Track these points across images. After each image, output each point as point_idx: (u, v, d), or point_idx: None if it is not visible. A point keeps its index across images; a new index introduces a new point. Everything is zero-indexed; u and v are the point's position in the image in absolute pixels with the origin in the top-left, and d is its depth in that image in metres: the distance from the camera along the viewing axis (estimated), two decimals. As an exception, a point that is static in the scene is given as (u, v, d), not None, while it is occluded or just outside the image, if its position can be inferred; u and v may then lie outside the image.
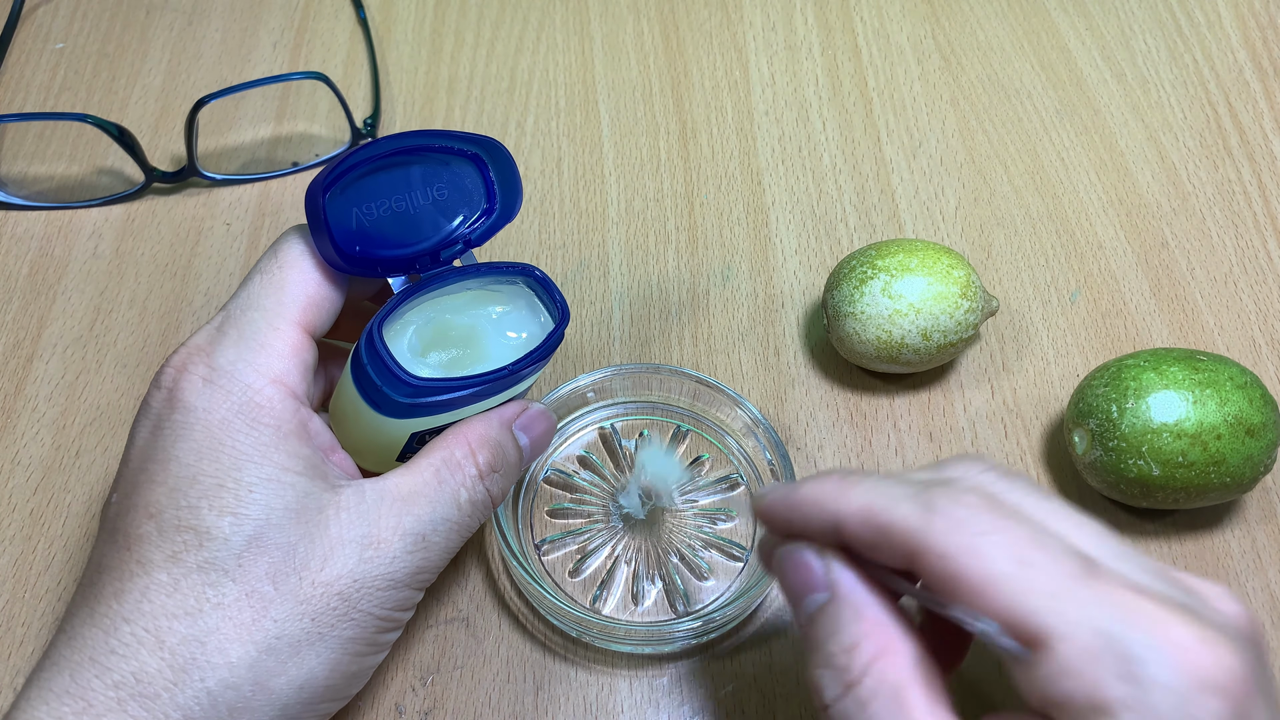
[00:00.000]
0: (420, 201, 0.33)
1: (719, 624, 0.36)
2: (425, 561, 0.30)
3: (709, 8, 0.59)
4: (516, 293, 0.34)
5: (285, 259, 0.31)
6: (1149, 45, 0.57)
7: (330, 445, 0.31)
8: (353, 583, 0.29)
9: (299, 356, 0.30)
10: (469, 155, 0.33)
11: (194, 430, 0.28)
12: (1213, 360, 0.38)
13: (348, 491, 0.30)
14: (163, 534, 0.28)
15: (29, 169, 0.52)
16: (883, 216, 0.50)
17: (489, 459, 0.32)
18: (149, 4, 0.59)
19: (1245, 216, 0.50)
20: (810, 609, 0.27)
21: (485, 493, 0.32)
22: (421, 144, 0.32)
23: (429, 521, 0.30)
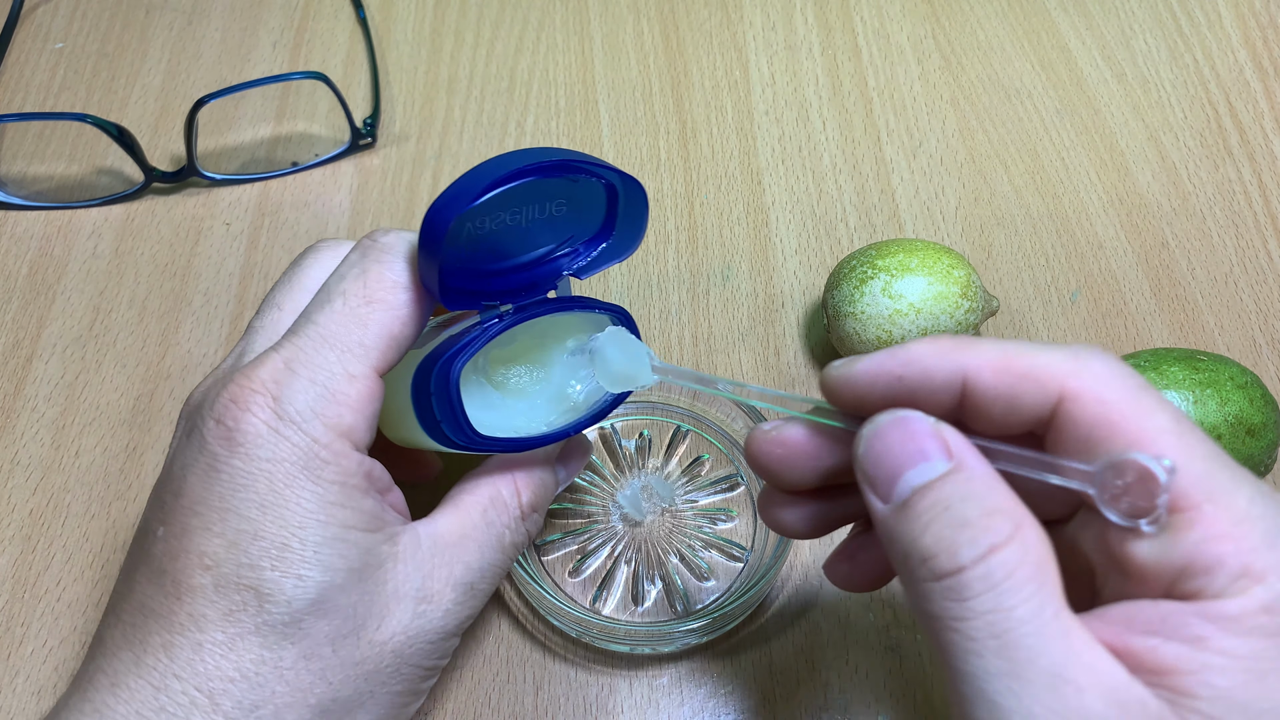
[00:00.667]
0: (537, 220, 0.29)
1: (719, 624, 0.36)
2: (472, 610, 0.30)
3: (709, 7, 0.59)
4: (598, 325, 0.32)
5: (376, 290, 0.28)
6: (1149, 45, 0.57)
7: (387, 486, 0.30)
8: (406, 640, 0.28)
9: (372, 406, 0.28)
10: (602, 180, 0.30)
11: (256, 482, 0.27)
12: (1213, 360, 0.38)
13: (404, 539, 0.29)
14: (219, 590, 0.26)
15: (28, 169, 0.52)
16: (883, 216, 0.50)
17: (531, 499, 0.32)
18: (149, 4, 0.59)
19: (1245, 216, 0.50)
20: (918, 481, 0.23)
21: (525, 534, 0.32)
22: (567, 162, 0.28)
23: (477, 569, 0.30)
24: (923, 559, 0.22)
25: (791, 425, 0.27)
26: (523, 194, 0.28)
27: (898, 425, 0.24)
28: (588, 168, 0.29)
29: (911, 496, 0.23)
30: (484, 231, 0.28)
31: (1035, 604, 0.21)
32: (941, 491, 0.22)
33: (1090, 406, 0.23)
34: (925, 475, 0.23)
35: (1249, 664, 0.20)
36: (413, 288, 0.29)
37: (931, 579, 0.21)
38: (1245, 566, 0.21)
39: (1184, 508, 0.22)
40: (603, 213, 0.31)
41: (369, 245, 0.29)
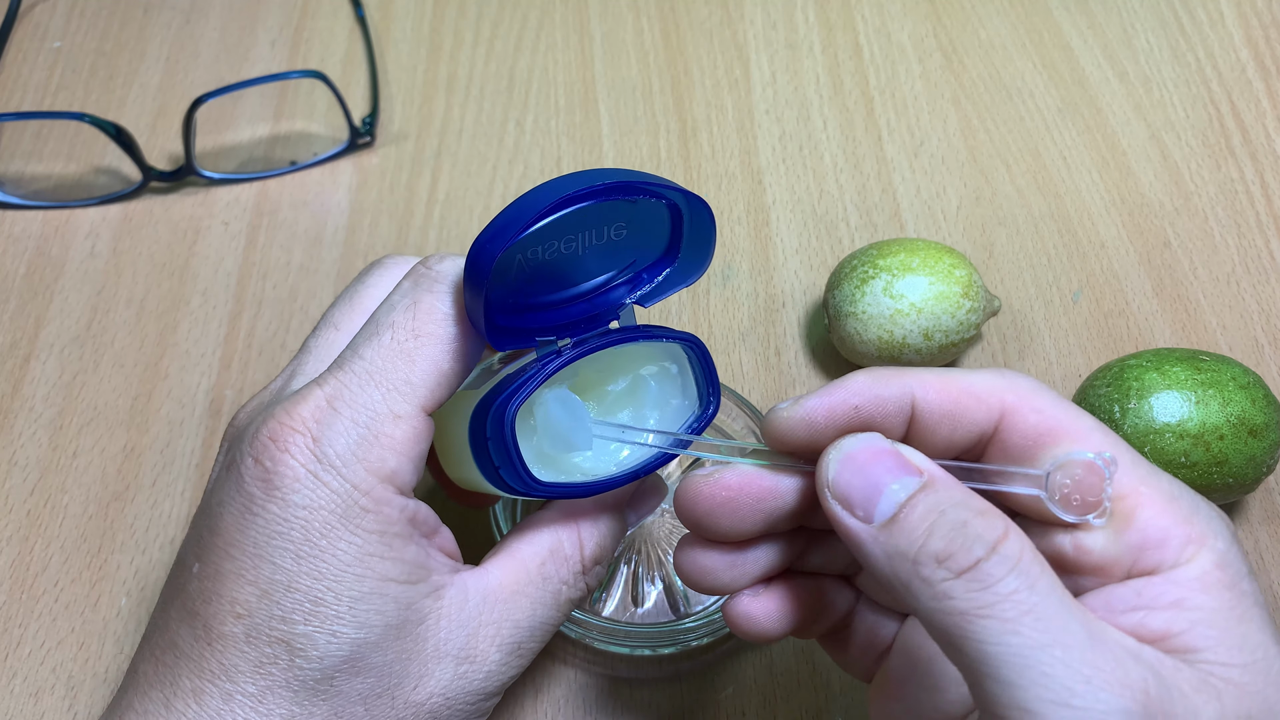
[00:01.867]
0: (591, 241, 0.27)
1: (719, 626, 0.36)
2: (517, 670, 0.29)
3: (709, 6, 0.59)
4: (666, 355, 0.30)
5: (424, 323, 0.27)
6: (1151, 44, 0.57)
7: (434, 529, 0.28)
8: (444, 701, 0.27)
9: (419, 447, 0.27)
10: (664, 200, 0.28)
11: (292, 530, 0.25)
12: (1215, 360, 0.38)
13: (450, 593, 0.28)
14: (250, 641, 0.26)
15: (26, 168, 0.52)
16: (884, 216, 0.50)
17: (595, 551, 0.30)
18: (146, 3, 0.59)
19: (1248, 216, 0.50)
20: (901, 496, 0.23)
21: (584, 589, 0.30)
22: (627, 184, 0.26)
23: (527, 629, 0.29)
24: (938, 561, 0.22)
25: (732, 470, 0.27)
26: (577, 220, 0.26)
27: (864, 448, 0.24)
28: (648, 189, 0.26)
29: (900, 511, 0.23)
30: (536, 262, 0.27)
31: (1049, 580, 0.22)
32: (930, 500, 0.23)
33: (1030, 416, 0.25)
34: (905, 490, 0.23)
35: (1226, 612, 0.23)
36: (465, 320, 0.27)
37: (953, 576, 0.22)
38: (1187, 535, 0.23)
39: (1124, 495, 0.24)
40: (666, 235, 0.29)
41: (422, 273, 0.28)
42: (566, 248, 0.27)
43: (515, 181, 0.51)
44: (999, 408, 0.25)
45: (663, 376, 0.30)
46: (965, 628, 0.22)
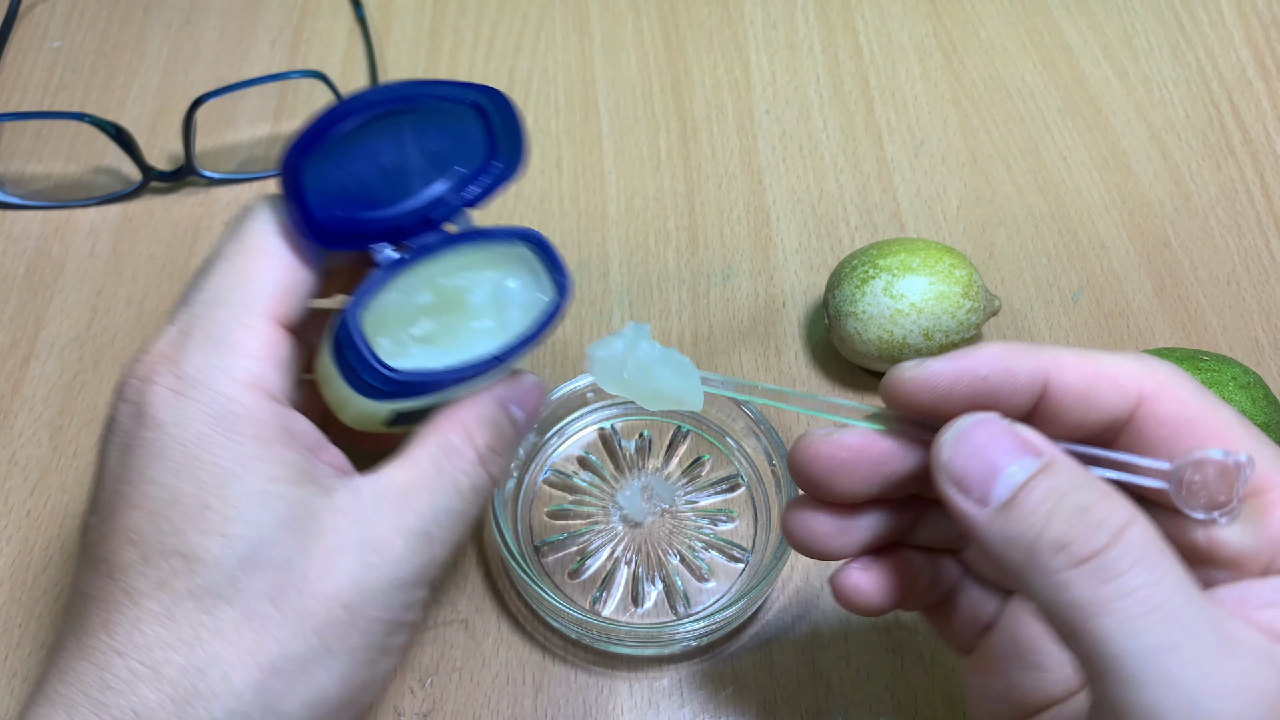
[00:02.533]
0: (412, 156, 0.29)
1: (719, 626, 0.36)
2: (431, 557, 0.29)
3: (709, 6, 0.59)
4: (515, 258, 0.31)
5: (251, 243, 0.28)
6: (1151, 44, 0.57)
7: (318, 443, 0.29)
8: (357, 591, 0.27)
9: (274, 354, 0.28)
10: (469, 104, 0.29)
11: (168, 448, 0.26)
12: (1215, 360, 0.38)
13: (342, 494, 0.28)
14: (147, 561, 0.26)
15: (26, 168, 0.52)
16: (884, 216, 0.50)
17: (488, 440, 0.30)
18: (146, 3, 0.59)
19: (1248, 216, 0.50)
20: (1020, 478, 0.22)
21: (486, 476, 0.30)
22: (415, 93, 0.28)
23: (431, 515, 0.28)
24: (1057, 548, 0.21)
25: (851, 430, 0.26)
26: (381, 134, 0.28)
27: (981, 427, 0.23)
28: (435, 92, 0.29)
29: (1018, 494, 0.22)
30: (359, 177, 0.29)
31: (1177, 574, 0.21)
32: (1049, 483, 0.22)
33: (1169, 405, 0.24)
34: (1025, 472, 0.22)
35: None
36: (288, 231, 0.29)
37: (1072, 565, 0.21)
38: None
39: (1265, 489, 0.23)
40: (483, 137, 0.30)
41: (238, 213, 0.29)
42: (386, 162, 0.29)
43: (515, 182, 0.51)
44: (1136, 394, 0.24)
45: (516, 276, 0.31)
46: (1085, 623, 0.21)
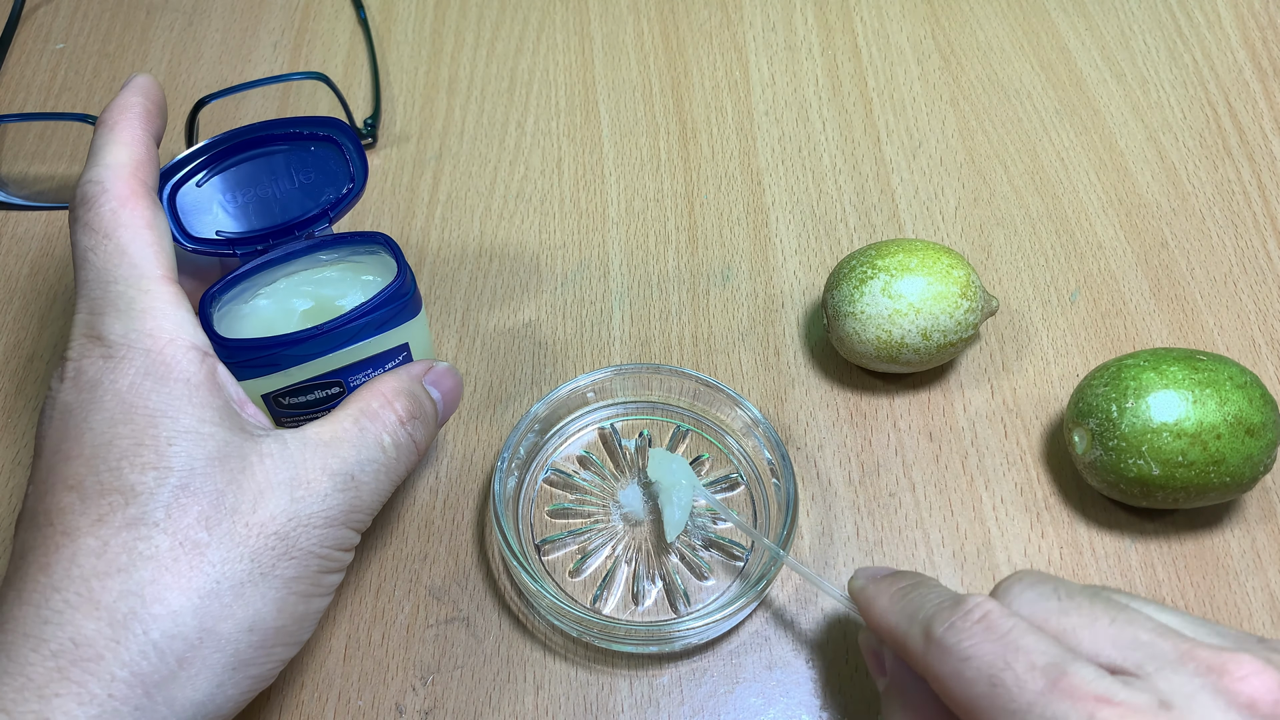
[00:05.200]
0: (286, 187, 0.35)
1: (719, 624, 0.36)
2: (357, 500, 0.30)
3: (709, 8, 0.59)
4: (382, 263, 0.36)
5: (105, 224, 0.30)
6: (1148, 45, 0.57)
7: (242, 398, 0.31)
8: (288, 521, 0.29)
9: (182, 308, 0.30)
10: (325, 138, 0.35)
11: (104, 400, 0.28)
12: (1212, 360, 0.38)
13: (268, 440, 0.30)
14: (86, 501, 0.27)
15: (30, 169, 0.52)
16: (882, 216, 0.50)
17: (406, 406, 0.32)
18: (149, 4, 0.59)
19: (1245, 216, 0.50)
20: (880, 688, 0.32)
21: (409, 437, 0.32)
22: (265, 133, 0.34)
23: (355, 462, 0.30)
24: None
25: None
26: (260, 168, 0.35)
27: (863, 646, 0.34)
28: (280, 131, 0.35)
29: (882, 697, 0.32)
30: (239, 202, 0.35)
31: None
32: (884, 702, 0.32)
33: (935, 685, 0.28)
34: (880, 687, 0.32)
35: None
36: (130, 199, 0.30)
37: None
38: None
39: None
40: (344, 165, 0.36)
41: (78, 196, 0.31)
42: (264, 193, 0.35)
43: (516, 183, 0.51)
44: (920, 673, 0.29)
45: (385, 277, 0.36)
46: None
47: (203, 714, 0.27)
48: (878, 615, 0.31)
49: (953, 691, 0.27)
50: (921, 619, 0.29)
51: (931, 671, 0.28)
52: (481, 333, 0.46)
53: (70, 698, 0.25)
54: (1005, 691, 0.25)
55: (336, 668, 0.37)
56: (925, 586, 0.31)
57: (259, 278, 0.35)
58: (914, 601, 0.30)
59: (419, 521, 0.41)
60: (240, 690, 0.28)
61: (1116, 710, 0.24)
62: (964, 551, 0.40)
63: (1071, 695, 0.24)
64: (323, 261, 0.36)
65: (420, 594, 0.39)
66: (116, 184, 0.30)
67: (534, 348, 0.45)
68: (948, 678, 0.27)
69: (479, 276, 0.48)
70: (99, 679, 0.26)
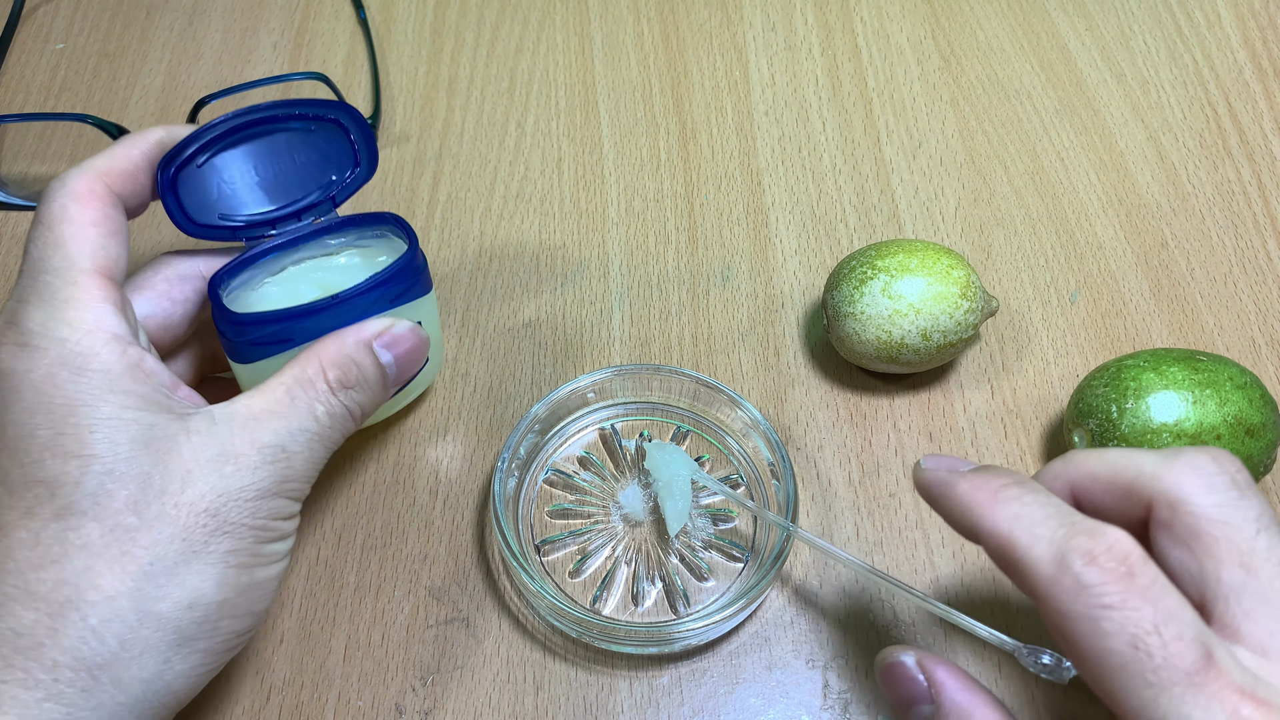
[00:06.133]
0: (288, 168, 0.35)
1: (718, 624, 0.36)
2: (289, 470, 0.30)
3: (709, 8, 0.59)
4: (391, 246, 0.36)
5: (52, 217, 0.31)
6: (1149, 45, 0.57)
7: (173, 382, 0.31)
8: (218, 497, 0.29)
9: (108, 301, 0.30)
10: (331, 120, 0.35)
11: (21, 393, 0.28)
12: (1212, 360, 0.38)
13: (196, 418, 0.30)
14: (13, 494, 0.28)
15: (29, 169, 0.52)
16: (882, 217, 0.50)
17: (339, 375, 0.32)
18: (149, 4, 0.59)
19: (1245, 217, 0.50)
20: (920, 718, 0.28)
21: (342, 406, 0.32)
22: (270, 114, 0.34)
23: (286, 433, 0.30)
24: None
25: None
26: (262, 150, 0.34)
27: (890, 671, 0.29)
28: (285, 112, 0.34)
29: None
30: (240, 184, 0.34)
31: None
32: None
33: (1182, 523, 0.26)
34: (919, 718, 0.28)
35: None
36: (85, 196, 0.31)
37: None
38: None
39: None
40: (349, 148, 0.36)
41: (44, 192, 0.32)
42: (264, 174, 0.35)
43: (516, 183, 0.51)
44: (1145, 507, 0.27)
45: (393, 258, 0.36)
46: None
47: (153, 690, 0.28)
48: (978, 515, 0.27)
49: (1080, 636, 0.24)
50: (1052, 538, 0.25)
51: (1055, 604, 0.24)
52: (481, 333, 0.46)
53: (15, 684, 0.26)
54: (1148, 660, 0.23)
55: (336, 668, 0.37)
56: (1035, 491, 0.27)
57: (266, 264, 0.35)
58: (1031, 509, 0.26)
59: (419, 521, 0.41)
60: (191, 665, 0.29)
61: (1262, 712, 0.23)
62: (964, 552, 0.40)
63: (1217, 683, 0.23)
64: (330, 246, 0.36)
65: (420, 594, 0.39)
66: (77, 182, 0.31)
67: (534, 348, 0.45)
68: (1078, 619, 0.24)
69: (479, 276, 0.48)
70: (42, 665, 0.26)
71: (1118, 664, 0.23)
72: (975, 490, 0.27)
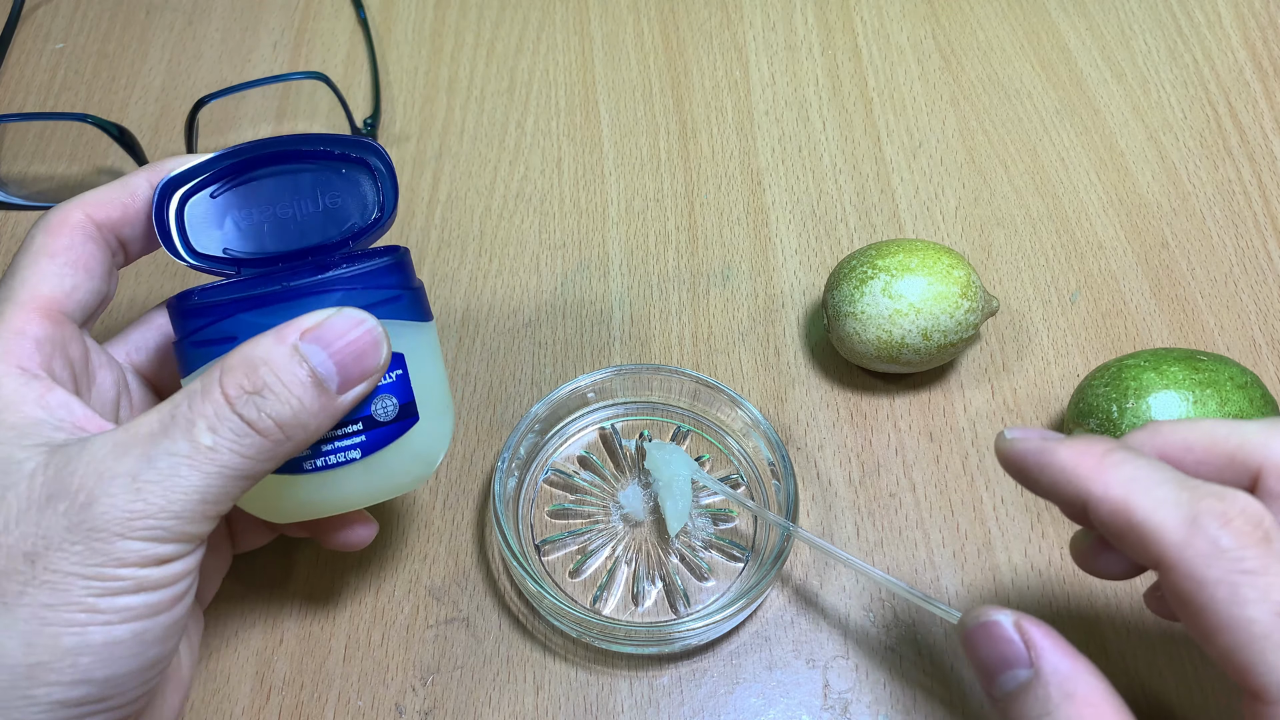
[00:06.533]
0: (309, 209, 0.32)
1: (719, 624, 0.36)
2: (139, 504, 0.25)
3: (709, 7, 0.59)
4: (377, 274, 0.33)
5: (23, 246, 0.30)
6: (1149, 45, 0.57)
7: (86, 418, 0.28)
8: (39, 540, 0.25)
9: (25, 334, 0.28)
10: (358, 161, 0.32)
11: None
12: (1213, 360, 0.38)
13: (64, 450, 0.26)
14: None
15: (29, 169, 0.52)
16: (883, 216, 0.50)
17: (240, 380, 0.27)
18: (149, 4, 0.59)
19: (1245, 216, 0.50)
20: (1009, 686, 0.26)
21: (237, 419, 0.27)
22: (285, 149, 0.32)
23: (144, 459, 0.25)
24: None
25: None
26: (283, 186, 0.32)
27: (980, 630, 0.27)
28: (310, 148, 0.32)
29: (1004, 700, 0.26)
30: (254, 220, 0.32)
31: None
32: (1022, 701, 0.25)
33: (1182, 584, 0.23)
34: (1011, 683, 0.26)
35: None
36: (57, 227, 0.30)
37: None
38: None
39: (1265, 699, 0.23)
40: (375, 193, 0.33)
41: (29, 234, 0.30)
42: (283, 213, 0.32)
43: (516, 182, 0.51)
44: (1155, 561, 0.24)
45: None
46: None
47: None
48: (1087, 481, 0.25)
49: (1218, 603, 0.22)
50: (1177, 500, 0.23)
51: (1188, 569, 0.23)
52: (481, 333, 0.46)
53: None
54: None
55: (336, 668, 0.37)
56: (1145, 457, 0.25)
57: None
58: (1149, 473, 0.24)
59: (419, 521, 0.41)
60: None
61: None
62: (964, 552, 0.40)
63: None
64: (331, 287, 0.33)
65: (420, 594, 0.39)
66: (57, 213, 0.30)
67: (534, 348, 0.45)
68: (1216, 584, 0.22)
69: (479, 276, 0.48)
70: None
71: (1260, 633, 0.22)
72: (1080, 455, 0.26)
